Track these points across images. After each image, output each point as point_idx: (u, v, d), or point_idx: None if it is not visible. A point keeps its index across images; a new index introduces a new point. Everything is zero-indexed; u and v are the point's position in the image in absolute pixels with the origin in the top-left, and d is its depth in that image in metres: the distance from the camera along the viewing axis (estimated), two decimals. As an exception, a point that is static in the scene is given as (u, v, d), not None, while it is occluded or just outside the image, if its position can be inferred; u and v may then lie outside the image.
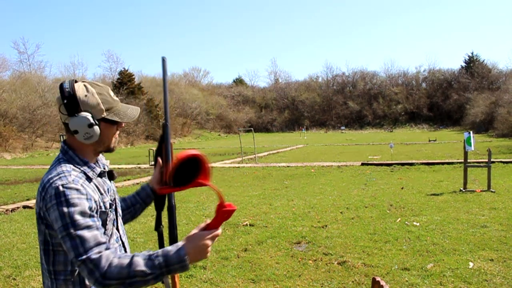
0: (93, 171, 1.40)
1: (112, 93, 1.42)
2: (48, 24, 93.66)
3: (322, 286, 3.89)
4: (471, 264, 4.30)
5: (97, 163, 1.48)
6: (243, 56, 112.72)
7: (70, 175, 1.30)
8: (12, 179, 13.28)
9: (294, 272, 4.26)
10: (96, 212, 1.32)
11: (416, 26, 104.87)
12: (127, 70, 43.79)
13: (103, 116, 1.37)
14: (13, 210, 8.11)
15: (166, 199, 1.57)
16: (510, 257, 4.47)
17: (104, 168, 1.49)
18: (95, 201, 1.32)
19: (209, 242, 1.22)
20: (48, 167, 1.43)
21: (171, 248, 1.21)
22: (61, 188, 1.25)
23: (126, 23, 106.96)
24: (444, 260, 4.42)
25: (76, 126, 1.33)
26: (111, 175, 1.51)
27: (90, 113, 1.35)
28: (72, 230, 1.21)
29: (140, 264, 1.17)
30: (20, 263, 4.83)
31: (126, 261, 1.17)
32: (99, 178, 1.43)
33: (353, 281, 3.96)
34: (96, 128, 1.35)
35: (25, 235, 6.14)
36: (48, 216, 1.27)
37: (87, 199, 1.27)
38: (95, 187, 1.37)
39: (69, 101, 1.33)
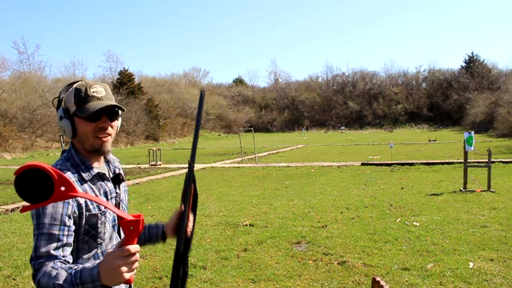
0: (89, 172, 1.38)
1: (92, 90, 1.36)
2: (48, 24, 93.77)
3: (322, 286, 3.89)
4: (471, 264, 4.30)
5: (108, 165, 1.50)
6: (243, 56, 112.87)
7: (72, 162, 1.35)
8: (12, 179, 13.26)
9: (294, 272, 4.26)
10: (80, 215, 1.31)
11: (416, 26, 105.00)
12: (127, 70, 43.79)
13: (73, 110, 1.36)
14: (13, 210, 8.11)
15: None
16: (510, 257, 4.47)
17: (114, 171, 1.50)
18: (79, 204, 1.31)
19: (118, 261, 1.04)
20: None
21: (88, 266, 1.13)
22: None
23: (126, 23, 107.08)
24: (444, 260, 4.42)
25: (58, 120, 1.39)
26: (117, 179, 1.49)
27: (64, 108, 1.38)
28: (37, 232, 1.24)
29: (62, 277, 1.13)
30: (20, 263, 4.83)
31: (54, 273, 1.15)
32: (96, 180, 1.41)
33: (353, 281, 3.96)
34: (65, 121, 1.36)
35: (25, 235, 6.14)
36: (31, 215, 1.30)
37: (64, 203, 1.26)
38: (88, 189, 1.36)
39: (58, 98, 1.40)
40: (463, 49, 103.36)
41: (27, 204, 0.99)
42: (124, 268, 1.05)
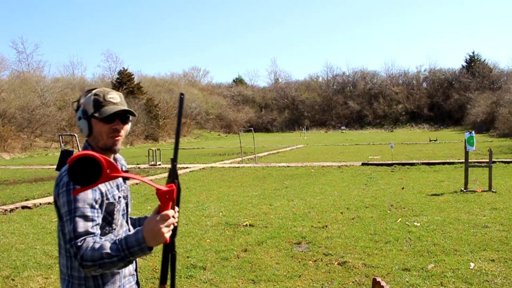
0: None
1: (109, 96, 1.56)
2: (47, 24, 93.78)
3: (322, 287, 3.87)
4: (472, 264, 4.27)
5: (116, 162, 1.58)
6: (243, 56, 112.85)
7: None
8: (11, 179, 13.25)
9: (294, 272, 4.23)
10: (102, 203, 1.47)
11: (416, 26, 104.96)
12: (126, 70, 43.75)
13: (91, 112, 1.54)
14: (12, 210, 8.09)
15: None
16: (511, 257, 4.45)
17: (122, 168, 1.64)
18: (101, 193, 1.47)
19: (160, 224, 1.24)
20: (48, 167, 1.53)
21: (132, 233, 1.30)
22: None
23: (126, 23, 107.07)
24: (445, 261, 4.39)
25: (76, 120, 1.57)
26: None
27: (83, 109, 1.55)
28: (72, 216, 1.38)
29: (107, 247, 1.29)
30: (19, 263, 4.81)
31: (97, 245, 1.30)
32: None
33: (353, 282, 3.93)
34: (83, 121, 1.54)
35: (24, 235, 6.12)
36: (58, 201, 1.44)
37: (92, 190, 1.43)
38: (106, 184, 1.53)
39: (78, 101, 1.59)
40: (464, 48, 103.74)
41: (79, 187, 1.16)
42: (165, 229, 1.25)
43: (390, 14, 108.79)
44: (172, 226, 1.28)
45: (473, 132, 8.81)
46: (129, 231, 1.65)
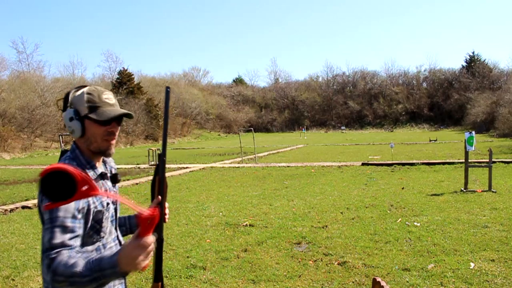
0: (94, 172, 1.49)
1: (104, 96, 1.49)
2: (47, 24, 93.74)
3: (322, 287, 3.87)
4: (472, 264, 4.27)
5: (105, 165, 1.59)
6: (243, 56, 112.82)
7: (77, 162, 1.43)
8: (11, 179, 13.25)
9: (294, 272, 4.23)
10: (88, 212, 1.40)
11: (416, 26, 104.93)
12: (126, 70, 43.73)
13: (85, 113, 1.45)
14: (12, 210, 8.09)
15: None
16: (511, 257, 4.45)
17: (111, 171, 1.59)
18: (87, 201, 1.40)
19: (138, 251, 1.16)
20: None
21: (107, 254, 1.22)
22: None
23: (126, 23, 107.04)
24: (445, 261, 4.39)
25: (64, 120, 1.47)
26: (115, 178, 1.59)
27: (74, 109, 1.46)
28: (51, 225, 1.30)
29: (80, 265, 1.21)
30: (19, 263, 4.81)
31: (71, 261, 1.23)
32: (99, 179, 1.51)
33: (353, 282, 3.93)
34: (76, 122, 1.45)
35: (24, 235, 6.12)
36: (41, 207, 1.36)
37: None
38: None
39: (64, 99, 1.49)
40: (464, 48, 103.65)
41: (49, 202, 1.10)
42: (142, 258, 1.17)
43: (390, 14, 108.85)
44: (151, 254, 1.20)
45: (473, 132, 8.81)
46: (118, 238, 1.60)
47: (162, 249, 1.35)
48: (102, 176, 1.52)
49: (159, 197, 1.50)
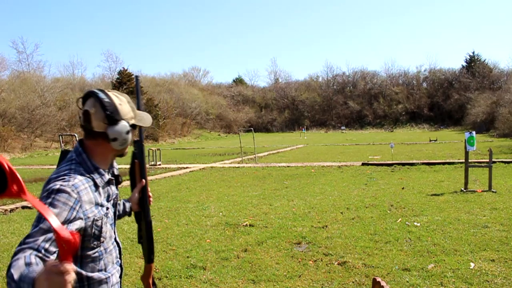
0: (102, 178, 1.48)
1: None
2: (47, 24, 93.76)
3: (322, 287, 3.87)
4: (472, 264, 4.27)
5: (112, 166, 1.59)
6: (243, 56, 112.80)
7: (75, 179, 1.38)
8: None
9: (294, 272, 4.23)
10: (88, 227, 1.40)
11: (416, 26, 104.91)
12: (126, 70, 43.71)
13: (132, 122, 1.50)
14: (12, 210, 8.09)
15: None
16: (511, 257, 4.45)
17: (113, 172, 1.58)
18: (87, 217, 1.39)
19: (51, 275, 1.00)
20: (47, 167, 1.53)
21: (36, 269, 1.11)
22: (57, 187, 1.33)
23: (126, 23, 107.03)
24: (445, 261, 4.39)
25: (116, 134, 1.44)
26: (117, 180, 1.60)
27: (125, 120, 1.47)
28: (37, 224, 1.26)
29: (20, 270, 1.13)
30: (18, 263, 4.80)
31: (21, 262, 1.16)
32: (106, 185, 1.51)
33: (353, 282, 3.93)
34: (131, 134, 1.49)
35: (24, 235, 6.10)
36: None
37: (71, 208, 1.33)
38: (98, 195, 1.46)
39: (111, 111, 1.43)
40: (464, 48, 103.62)
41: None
42: (55, 283, 0.99)
43: (390, 14, 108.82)
44: (67, 283, 1.00)
45: (473, 132, 8.80)
46: (116, 239, 1.61)
47: (151, 231, 1.40)
48: (108, 182, 1.52)
49: (143, 180, 1.61)
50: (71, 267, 1.01)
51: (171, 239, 5.57)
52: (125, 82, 42.04)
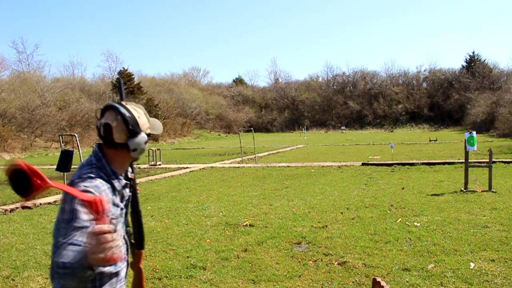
0: (119, 182, 1.58)
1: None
2: (47, 24, 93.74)
3: (322, 287, 3.87)
4: (472, 264, 4.27)
5: (128, 170, 1.71)
6: (243, 56, 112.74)
7: (96, 180, 1.48)
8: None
9: (294, 272, 4.23)
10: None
11: (416, 26, 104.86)
12: (126, 70, 43.77)
13: (148, 132, 1.62)
14: (12, 210, 8.09)
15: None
16: (511, 257, 4.45)
17: (127, 174, 1.68)
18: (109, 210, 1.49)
19: (91, 242, 1.15)
20: (48, 167, 1.59)
21: (82, 250, 1.23)
22: (81, 188, 1.42)
23: (126, 23, 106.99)
24: (445, 261, 4.39)
25: (136, 145, 1.56)
26: (130, 184, 1.70)
27: (144, 132, 1.58)
28: (72, 224, 1.34)
29: (68, 258, 1.22)
30: (19, 263, 4.81)
31: (63, 254, 1.24)
32: (122, 188, 1.60)
33: (353, 282, 3.93)
34: (147, 143, 1.61)
35: (24, 235, 6.12)
36: (61, 209, 1.42)
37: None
38: (115, 197, 1.56)
39: (132, 125, 1.54)
40: (464, 48, 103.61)
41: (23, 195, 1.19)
42: (96, 247, 1.12)
43: (390, 14, 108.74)
44: (107, 244, 1.12)
45: (473, 132, 8.80)
46: (124, 237, 1.69)
47: (140, 220, 1.62)
48: (124, 185, 1.62)
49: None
50: (107, 227, 1.13)
51: (171, 239, 5.57)
52: (125, 82, 42.04)
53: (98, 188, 1.46)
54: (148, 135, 1.63)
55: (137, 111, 1.58)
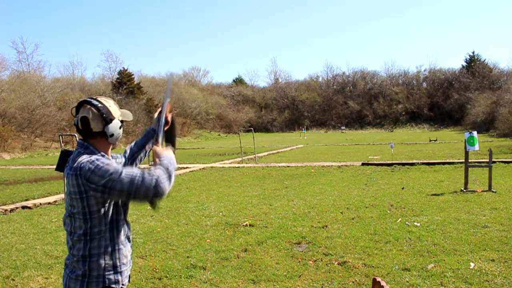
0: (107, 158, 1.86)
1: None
2: (47, 24, 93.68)
3: (322, 287, 3.87)
4: (472, 264, 4.27)
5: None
6: (243, 56, 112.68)
7: (95, 154, 1.75)
8: (11, 179, 13.25)
9: (294, 272, 4.23)
10: None
11: (416, 26, 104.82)
12: (126, 70, 43.73)
13: (120, 119, 1.86)
14: (12, 210, 8.09)
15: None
16: (511, 257, 4.45)
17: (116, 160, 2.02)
18: None
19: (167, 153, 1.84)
20: (48, 167, 1.80)
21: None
22: (92, 159, 1.69)
23: (126, 23, 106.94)
24: (445, 261, 4.39)
25: (113, 130, 1.80)
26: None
27: (116, 119, 1.83)
28: (116, 177, 1.62)
29: (159, 171, 1.71)
30: (19, 263, 4.81)
31: (152, 173, 1.69)
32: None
33: (353, 282, 3.93)
34: (122, 129, 1.86)
35: (24, 235, 6.12)
36: (91, 183, 1.65)
37: (111, 161, 1.73)
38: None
39: (105, 113, 1.78)
40: (464, 48, 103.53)
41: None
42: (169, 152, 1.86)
43: (390, 14, 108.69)
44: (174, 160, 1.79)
45: (474, 132, 8.79)
46: (125, 217, 1.96)
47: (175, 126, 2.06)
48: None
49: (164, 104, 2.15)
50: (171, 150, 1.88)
51: (171, 239, 5.57)
52: (125, 82, 42.07)
53: (101, 156, 1.75)
54: (122, 122, 1.86)
55: (108, 102, 1.82)
